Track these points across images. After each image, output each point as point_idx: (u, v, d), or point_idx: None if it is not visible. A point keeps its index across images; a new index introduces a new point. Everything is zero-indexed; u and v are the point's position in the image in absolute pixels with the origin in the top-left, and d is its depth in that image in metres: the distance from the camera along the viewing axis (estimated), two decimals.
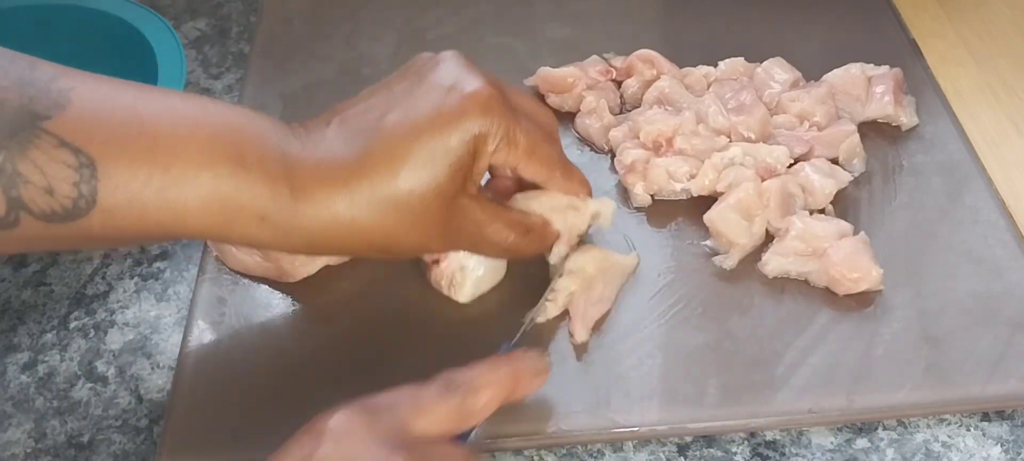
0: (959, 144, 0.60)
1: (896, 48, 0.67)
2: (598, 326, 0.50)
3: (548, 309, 0.51)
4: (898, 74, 0.62)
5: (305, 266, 0.53)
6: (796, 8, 0.71)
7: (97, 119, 0.40)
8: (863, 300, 0.51)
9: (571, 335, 0.50)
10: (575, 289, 0.51)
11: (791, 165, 0.56)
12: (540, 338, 0.50)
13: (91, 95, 0.40)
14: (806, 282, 0.52)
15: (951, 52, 0.67)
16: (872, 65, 0.62)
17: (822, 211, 0.55)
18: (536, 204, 0.50)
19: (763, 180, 0.54)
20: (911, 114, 0.61)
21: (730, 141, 0.57)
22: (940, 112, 0.62)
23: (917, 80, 0.64)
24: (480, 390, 0.41)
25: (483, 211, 0.47)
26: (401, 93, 0.46)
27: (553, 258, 0.51)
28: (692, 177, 0.55)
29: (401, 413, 0.39)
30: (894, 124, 0.61)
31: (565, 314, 0.51)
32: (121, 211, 0.40)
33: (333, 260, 0.53)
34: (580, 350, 0.49)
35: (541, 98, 0.64)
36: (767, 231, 0.54)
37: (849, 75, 0.61)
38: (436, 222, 0.45)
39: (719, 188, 0.55)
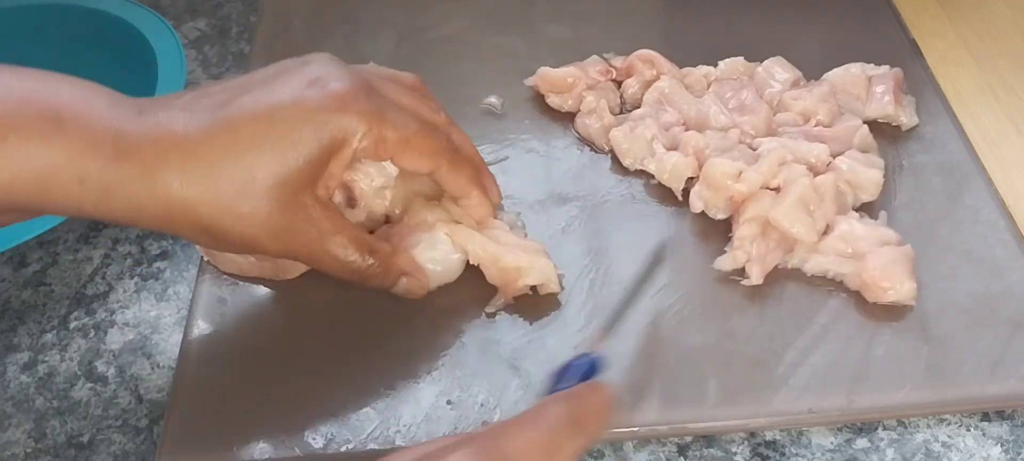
0: (959, 144, 0.60)
1: (896, 48, 0.67)
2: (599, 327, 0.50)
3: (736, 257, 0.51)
4: (898, 74, 0.62)
5: (298, 264, 0.52)
6: (796, 8, 0.71)
7: None
8: (863, 300, 0.51)
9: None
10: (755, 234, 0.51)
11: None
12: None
13: None
14: (808, 282, 0.52)
15: (951, 52, 0.67)
16: (872, 65, 0.62)
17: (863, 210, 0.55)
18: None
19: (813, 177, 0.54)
20: (911, 114, 0.61)
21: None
22: (940, 112, 0.62)
23: (917, 80, 0.64)
24: (595, 428, 0.38)
25: (329, 220, 0.45)
26: (260, 80, 0.45)
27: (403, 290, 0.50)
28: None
29: None
30: (894, 124, 0.61)
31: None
32: None
33: None
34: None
35: (541, 98, 0.64)
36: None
37: (849, 75, 0.61)
38: (272, 216, 0.43)
39: (774, 184, 0.54)
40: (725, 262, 0.53)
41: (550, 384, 0.41)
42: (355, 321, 0.52)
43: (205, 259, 0.54)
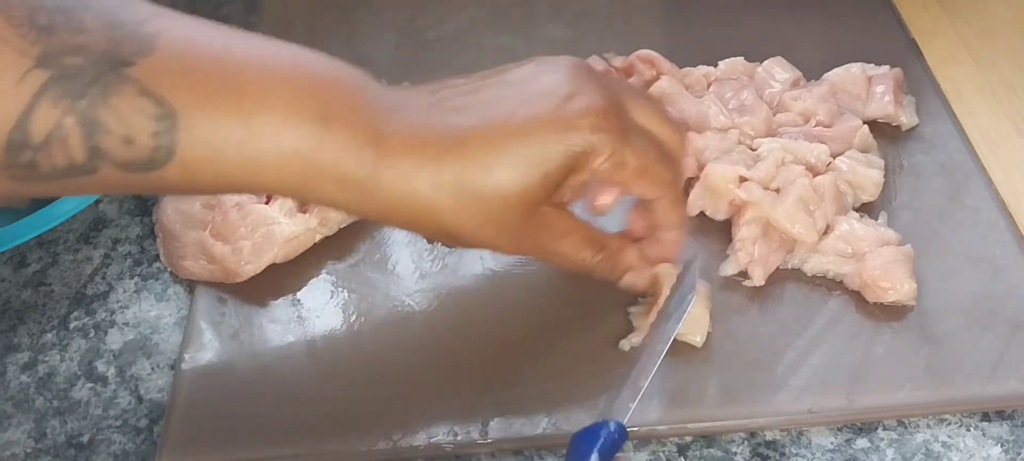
0: (959, 144, 0.60)
1: (896, 48, 0.67)
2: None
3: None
4: (898, 74, 0.62)
5: (250, 265, 0.53)
6: (796, 8, 0.71)
7: (182, 66, 0.38)
8: (863, 300, 0.51)
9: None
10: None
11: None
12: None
13: (178, 40, 0.39)
14: (808, 282, 0.52)
15: (951, 52, 0.67)
16: (872, 65, 0.62)
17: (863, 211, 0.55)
18: None
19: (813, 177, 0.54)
20: (911, 114, 0.61)
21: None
22: (940, 112, 0.62)
23: (917, 80, 0.64)
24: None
25: (564, 223, 0.46)
26: (515, 83, 0.45)
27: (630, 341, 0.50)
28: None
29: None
30: (894, 124, 0.61)
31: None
32: (198, 164, 0.39)
33: (278, 257, 0.53)
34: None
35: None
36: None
37: (849, 75, 0.61)
38: (513, 224, 0.44)
39: (774, 185, 0.54)
40: (728, 266, 0.53)
41: (571, 452, 0.41)
42: (355, 322, 0.52)
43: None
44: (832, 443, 0.47)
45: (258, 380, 0.49)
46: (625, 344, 0.49)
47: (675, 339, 0.47)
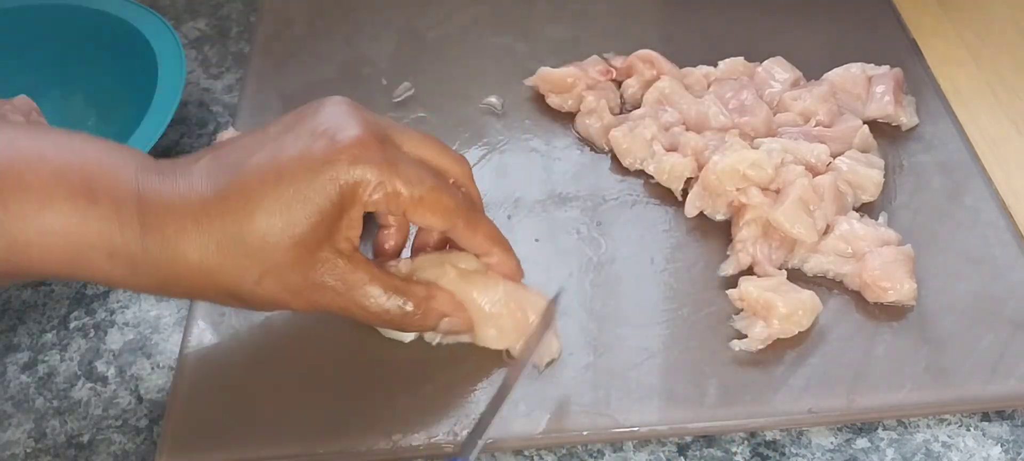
0: (959, 144, 0.60)
1: (896, 48, 0.67)
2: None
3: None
4: (898, 74, 0.62)
5: None
6: (796, 8, 0.71)
7: None
8: (863, 300, 0.51)
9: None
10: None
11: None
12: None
13: None
14: (808, 282, 0.52)
15: (951, 52, 0.67)
16: (872, 65, 0.62)
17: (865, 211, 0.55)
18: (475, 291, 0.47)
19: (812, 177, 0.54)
20: (911, 114, 0.61)
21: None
22: (940, 112, 0.62)
23: (917, 80, 0.64)
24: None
25: (353, 271, 0.44)
26: (273, 135, 0.43)
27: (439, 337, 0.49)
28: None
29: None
30: (894, 124, 0.61)
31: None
32: None
33: None
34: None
35: (541, 98, 0.64)
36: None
37: (849, 75, 0.61)
38: (293, 275, 0.42)
39: (774, 186, 0.54)
40: (728, 267, 0.53)
41: None
42: (355, 322, 0.52)
43: None
44: (832, 443, 0.47)
45: (258, 380, 0.49)
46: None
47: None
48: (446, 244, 0.49)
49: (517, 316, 0.48)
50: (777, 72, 0.62)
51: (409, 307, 0.45)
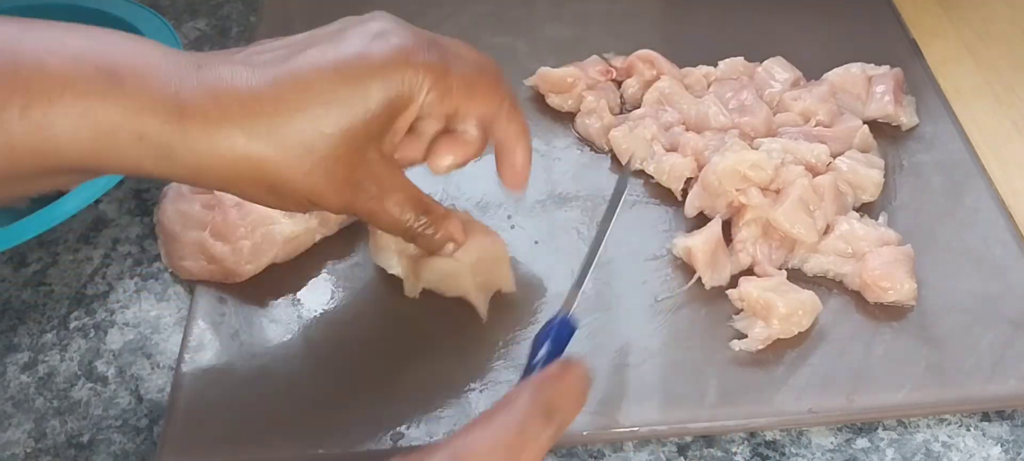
0: (959, 144, 0.60)
1: (896, 48, 0.67)
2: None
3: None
4: (898, 74, 0.62)
5: (251, 265, 0.53)
6: (796, 8, 0.71)
7: None
8: (863, 300, 0.51)
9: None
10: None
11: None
12: None
13: None
14: (808, 282, 0.52)
15: (951, 52, 0.67)
16: (872, 65, 0.62)
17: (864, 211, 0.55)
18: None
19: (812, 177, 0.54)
20: (911, 114, 0.61)
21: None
22: (940, 112, 0.62)
23: (917, 80, 0.64)
24: (571, 411, 0.37)
25: (391, 176, 0.45)
26: (324, 35, 0.43)
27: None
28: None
29: None
30: (894, 124, 0.61)
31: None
32: None
33: (279, 257, 0.53)
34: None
35: (541, 98, 0.64)
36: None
37: (849, 75, 0.61)
38: (338, 170, 0.42)
39: (774, 186, 0.54)
40: (729, 267, 0.53)
41: (530, 354, 0.42)
42: (355, 322, 0.52)
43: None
44: (832, 443, 0.47)
45: (258, 380, 0.49)
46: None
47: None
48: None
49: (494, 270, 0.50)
50: (777, 72, 0.62)
51: (425, 221, 0.47)
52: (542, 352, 0.42)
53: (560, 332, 0.43)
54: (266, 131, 0.40)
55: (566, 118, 0.63)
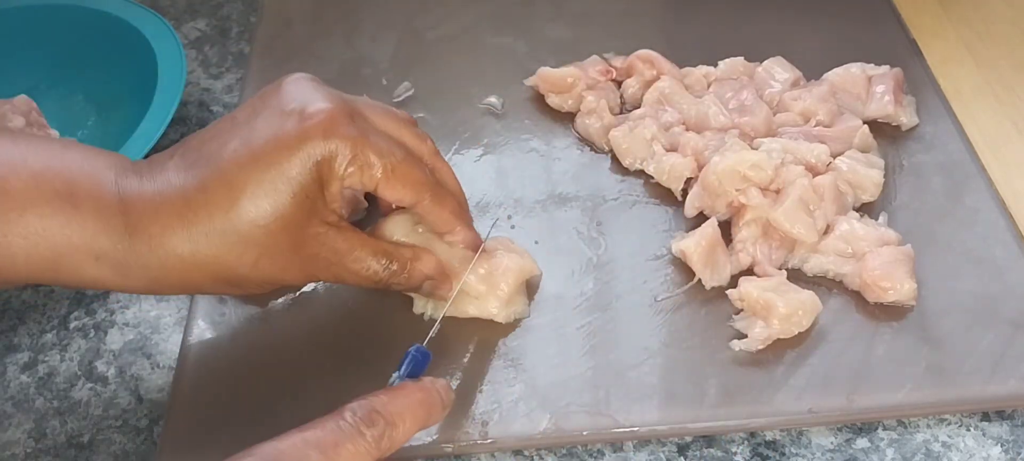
0: (959, 144, 0.60)
1: (896, 48, 0.67)
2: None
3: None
4: (898, 74, 0.62)
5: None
6: (796, 8, 0.71)
7: None
8: (863, 300, 0.51)
9: None
10: None
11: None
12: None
13: None
14: (808, 282, 0.52)
15: (951, 52, 0.67)
16: (872, 65, 0.62)
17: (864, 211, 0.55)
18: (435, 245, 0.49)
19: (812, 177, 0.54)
20: (911, 114, 0.61)
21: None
22: (940, 112, 0.62)
23: (917, 80, 0.64)
24: (398, 423, 0.39)
25: (343, 240, 0.45)
26: (242, 120, 0.44)
27: (425, 308, 0.51)
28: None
29: None
30: (894, 124, 0.61)
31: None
32: None
33: None
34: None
35: (541, 98, 0.64)
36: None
37: (849, 74, 0.61)
38: (286, 253, 0.43)
39: (774, 186, 0.54)
40: (729, 267, 0.53)
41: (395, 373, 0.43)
42: (355, 322, 0.52)
43: None
44: (832, 443, 0.47)
45: (258, 380, 0.49)
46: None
47: None
48: None
49: (500, 288, 0.50)
50: (777, 72, 0.62)
51: (395, 267, 0.47)
52: (395, 376, 0.42)
53: (416, 359, 0.43)
54: (204, 236, 0.42)
55: (566, 118, 0.63)
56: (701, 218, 0.55)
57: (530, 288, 0.52)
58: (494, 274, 0.50)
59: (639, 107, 0.61)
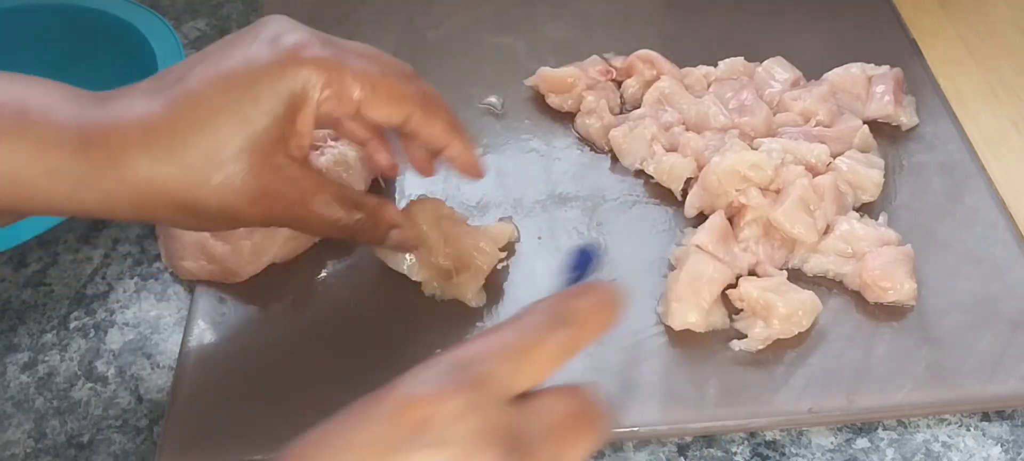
0: (959, 144, 0.60)
1: (896, 48, 0.67)
2: None
3: None
4: (898, 74, 0.62)
5: (251, 265, 0.53)
6: (796, 8, 0.71)
7: None
8: (863, 300, 0.51)
9: None
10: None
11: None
12: None
13: None
14: (808, 282, 0.52)
15: (951, 52, 0.67)
16: (872, 65, 0.62)
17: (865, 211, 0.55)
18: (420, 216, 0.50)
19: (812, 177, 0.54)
20: (911, 114, 0.61)
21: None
22: (940, 112, 0.62)
23: (917, 80, 0.64)
24: (587, 322, 0.35)
25: (308, 179, 0.44)
26: (214, 51, 0.43)
27: (406, 269, 0.51)
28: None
29: (501, 374, 0.33)
30: (894, 124, 0.61)
31: None
32: None
33: (278, 257, 0.53)
34: None
35: (541, 98, 0.64)
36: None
37: (849, 74, 0.61)
38: (247, 182, 0.42)
39: (774, 186, 0.54)
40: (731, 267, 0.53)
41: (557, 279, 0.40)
42: (355, 322, 0.52)
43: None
44: (832, 443, 0.47)
45: (258, 380, 0.49)
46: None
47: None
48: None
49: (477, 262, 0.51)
50: (777, 72, 0.62)
51: (359, 216, 0.46)
52: (563, 279, 0.39)
53: (580, 261, 0.40)
54: (165, 153, 0.40)
55: (566, 118, 0.63)
56: (701, 218, 0.55)
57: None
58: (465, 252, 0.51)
59: (639, 107, 0.61)
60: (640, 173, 0.58)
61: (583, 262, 0.40)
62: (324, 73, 0.42)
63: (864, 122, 0.59)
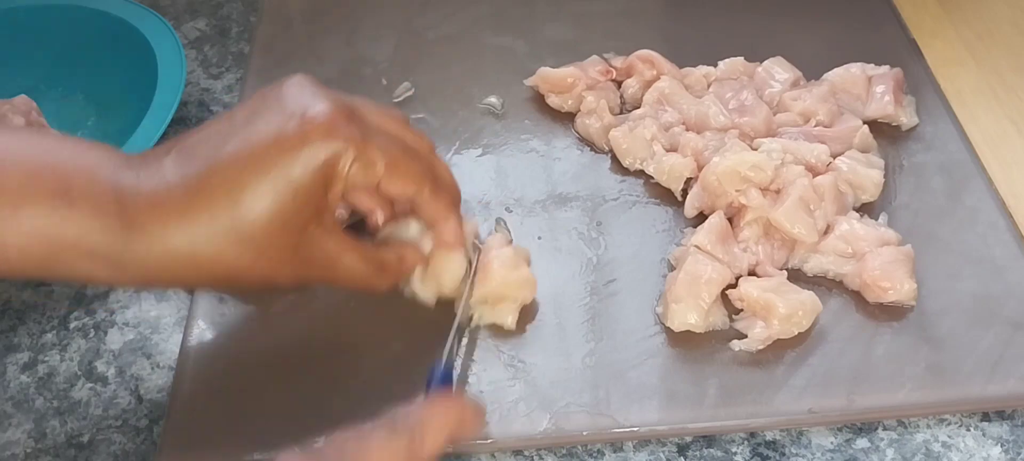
0: (959, 144, 0.60)
1: (896, 48, 0.67)
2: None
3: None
4: (898, 74, 0.62)
5: None
6: (796, 8, 0.71)
7: None
8: (863, 300, 0.51)
9: None
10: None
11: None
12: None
13: None
14: (808, 282, 0.52)
15: (951, 52, 0.67)
16: (872, 65, 0.62)
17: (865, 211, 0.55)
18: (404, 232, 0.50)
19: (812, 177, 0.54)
20: (911, 114, 0.61)
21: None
22: (940, 112, 0.62)
23: (917, 80, 0.64)
24: (428, 433, 0.40)
25: (336, 243, 0.46)
26: (242, 121, 0.44)
27: (410, 291, 0.51)
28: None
29: None
30: (894, 124, 0.61)
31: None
32: None
33: None
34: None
35: (541, 98, 0.64)
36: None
37: (849, 75, 0.61)
38: (283, 254, 0.43)
39: (774, 186, 0.54)
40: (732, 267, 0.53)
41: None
42: (355, 323, 0.52)
43: None
44: (832, 443, 0.47)
45: (258, 380, 0.49)
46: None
47: None
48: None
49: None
50: (777, 72, 0.62)
51: (385, 271, 0.48)
52: (423, 396, 0.44)
53: (440, 377, 0.45)
54: (204, 234, 0.41)
55: (566, 118, 0.63)
56: (701, 218, 0.55)
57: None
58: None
59: (639, 107, 0.61)
60: (640, 173, 0.59)
61: (432, 379, 0.45)
62: (353, 149, 0.43)
63: (864, 122, 0.59)
